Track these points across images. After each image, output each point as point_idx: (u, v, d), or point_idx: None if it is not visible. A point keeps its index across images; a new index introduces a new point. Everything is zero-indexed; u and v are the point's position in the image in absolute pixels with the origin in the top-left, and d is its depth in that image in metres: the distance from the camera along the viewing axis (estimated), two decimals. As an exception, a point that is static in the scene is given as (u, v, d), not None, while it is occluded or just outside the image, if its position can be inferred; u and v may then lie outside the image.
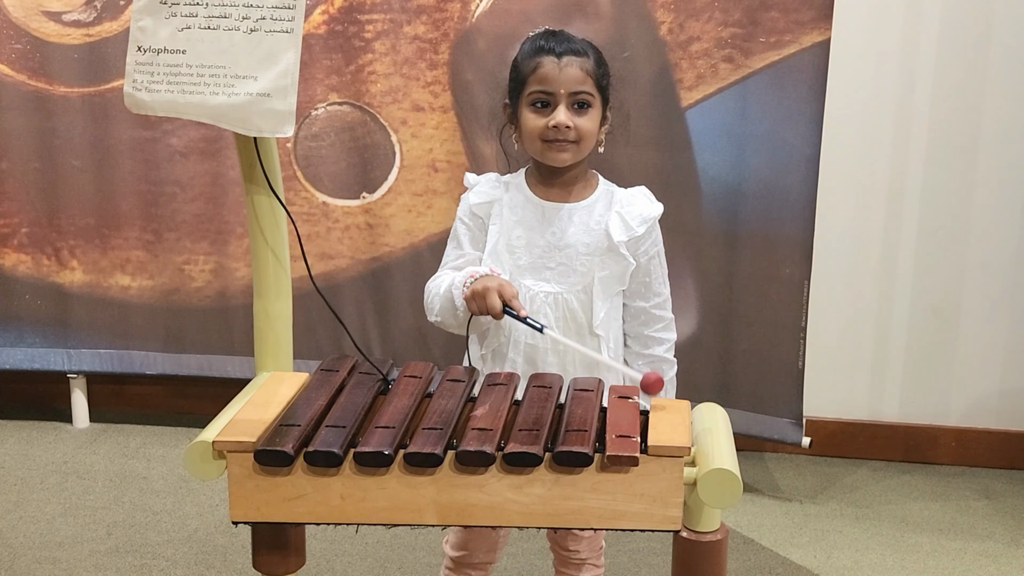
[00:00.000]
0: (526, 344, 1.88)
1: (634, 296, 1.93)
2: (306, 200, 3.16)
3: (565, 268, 1.88)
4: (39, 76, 3.19)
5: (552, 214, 1.89)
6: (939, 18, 3.04)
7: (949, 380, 3.24)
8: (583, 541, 2.02)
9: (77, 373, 3.43)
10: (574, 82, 1.82)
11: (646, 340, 1.95)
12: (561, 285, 1.88)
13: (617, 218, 1.88)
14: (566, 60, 1.82)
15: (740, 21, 2.82)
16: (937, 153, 3.12)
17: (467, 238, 1.93)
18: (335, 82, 3.07)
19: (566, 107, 1.82)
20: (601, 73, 1.86)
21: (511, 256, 1.89)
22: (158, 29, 1.51)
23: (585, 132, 1.84)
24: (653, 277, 1.93)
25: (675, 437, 1.40)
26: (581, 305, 1.87)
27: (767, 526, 2.88)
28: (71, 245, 3.30)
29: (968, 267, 3.17)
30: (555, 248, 1.88)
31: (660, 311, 1.95)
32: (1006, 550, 2.77)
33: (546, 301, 1.87)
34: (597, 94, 1.85)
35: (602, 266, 1.87)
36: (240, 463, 1.40)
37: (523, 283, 1.88)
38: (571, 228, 1.88)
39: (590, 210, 1.89)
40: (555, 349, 1.88)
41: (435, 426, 1.43)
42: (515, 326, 1.86)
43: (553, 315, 1.87)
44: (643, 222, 1.89)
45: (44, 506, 2.91)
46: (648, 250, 1.91)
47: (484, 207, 1.92)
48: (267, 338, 1.71)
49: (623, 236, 1.87)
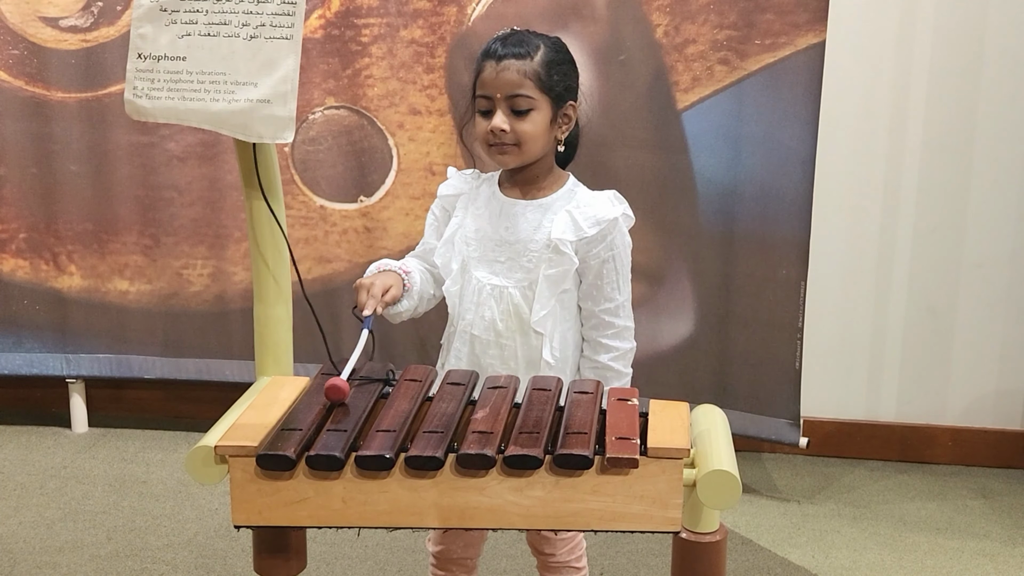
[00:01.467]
0: (471, 335, 1.92)
1: (585, 298, 1.93)
2: (304, 204, 3.17)
3: (512, 263, 1.90)
4: (36, 81, 3.19)
5: (508, 209, 1.92)
6: (933, 19, 3.06)
7: (945, 380, 3.25)
8: (557, 544, 2.03)
9: (76, 378, 3.43)
10: (510, 86, 1.83)
11: (596, 345, 1.94)
12: (508, 279, 1.90)
13: (567, 217, 1.88)
14: (504, 64, 1.83)
15: (735, 23, 2.83)
16: (932, 154, 3.13)
17: (432, 227, 2.01)
18: (332, 86, 3.08)
19: (504, 111, 1.84)
20: (549, 73, 1.84)
21: (464, 246, 1.93)
22: (158, 36, 1.52)
23: (524, 135, 1.84)
24: (605, 281, 1.90)
25: (674, 439, 1.41)
26: (525, 300, 1.89)
27: (765, 526, 2.89)
28: (69, 250, 3.31)
29: (964, 267, 3.18)
30: (505, 242, 1.90)
31: (610, 317, 1.92)
32: (1003, 549, 2.78)
33: (492, 294, 1.90)
34: (541, 95, 1.84)
35: (548, 264, 1.88)
36: (242, 467, 1.40)
37: (474, 274, 1.91)
38: (523, 224, 1.90)
39: (545, 208, 1.91)
40: (497, 342, 1.90)
41: (436, 429, 1.44)
42: (462, 315, 1.92)
43: (498, 308, 1.90)
44: (595, 224, 1.88)
45: (44, 511, 2.91)
46: (600, 253, 1.89)
47: (451, 199, 1.98)
48: (267, 342, 1.72)
49: (570, 236, 1.87)
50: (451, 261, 1.93)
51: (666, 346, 3.07)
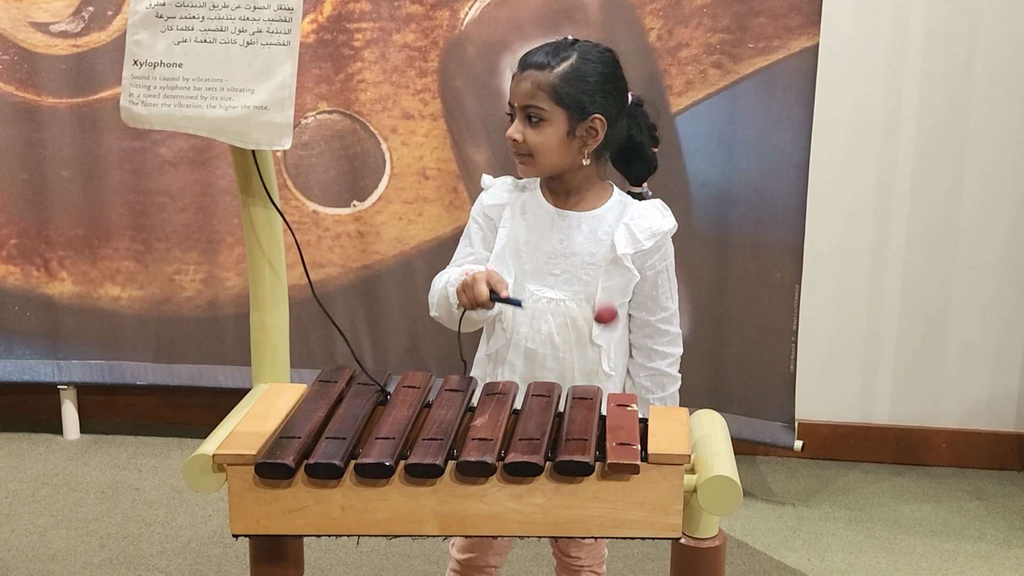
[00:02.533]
0: (526, 348, 1.89)
1: (640, 308, 1.93)
2: (296, 209, 3.16)
3: (569, 276, 1.88)
4: (27, 87, 3.18)
5: (561, 221, 1.90)
6: (926, 23, 3.06)
7: (940, 382, 3.26)
8: (584, 548, 2.03)
9: (67, 384, 3.41)
10: (524, 96, 1.83)
11: (650, 353, 1.95)
12: (564, 292, 1.88)
13: (624, 230, 1.88)
14: (524, 74, 1.84)
15: (729, 27, 2.83)
16: (925, 157, 3.14)
17: (479, 237, 1.96)
18: (325, 91, 3.07)
19: (520, 120, 1.85)
20: (567, 85, 1.82)
21: (516, 260, 1.90)
22: (154, 43, 1.51)
23: (536, 146, 1.84)
24: (660, 291, 1.92)
25: (675, 445, 1.41)
26: (583, 313, 1.87)
27: (760, 530, 2.89)
28: (60, 256, 3.29)
29: (957, 270, 3.19)
30: (560, 255, 1.89)
31: (666, 325, 1.94)
32: (998, 551, 2.79)
33: (548, 307, 1.88)
34: (556, 108, 1.82)
35: (606, 277, 1.88)
36: (240, 476, 1.40)
37: (527, 287, 1.89)
38: (578, 236, 1.89)
39: (599, 220, 1.90)
40: (554, 355, 1.89)
41: (435, 436, 1.43)
42: (516, 329, 1.89)
43: (555, 322, 1.88)
44: (652, 236, 1.88)
45: (36, 518, 2.90)
46: (655, 264, 1.90)
47: (496, 209, 1.94)
48: (264, 349, 1.71)
49: (629, 249, 1.87)
50: (504, 274, 1.87)
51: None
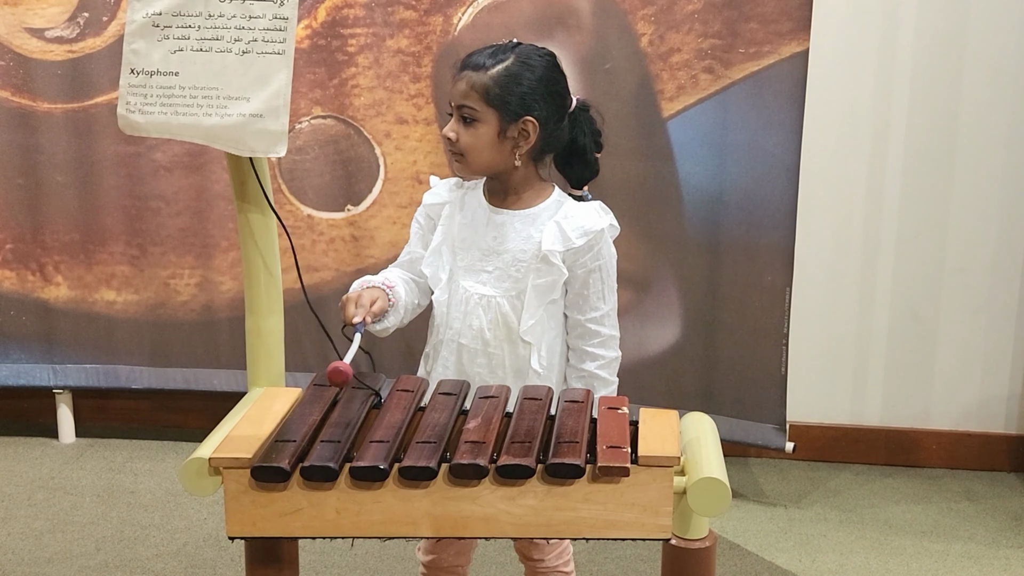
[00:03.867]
0: (458, 343, 1.93)
1: (571, 308, 1.95)
2: (291, 213, 3.17)
3: (501, 273, 1.91)
4: (22, 92, 3.19)
5: (495, 219, 1.93)
6: (915, 28, 3.08)
7: (930, 384, 3.28)
8: (546, 549, 2.04)
9: (63, 388, 3.42)
10: (459, 96, 1.87)
11: (581, 354, 1.96)
12: (496, 289, 1.91)
13: (555, 227, 1.90)
14: (461, 75, 1.88)
15: (720, 32, 2.85)
16: (915, 161, 3.16)
17: (417, 236, 2.02)
18: (319, 96, 3.09)
19: (455, 119, 1.88)
20: (500, 87, 1.83)
21: (452, 255, 1.94)
22: (151, 52, 1.53)
23: (467, 146, 1.87)
24: (591, 291, 1.92)
25: (665, 447, 1.43)
26: (513, 310, 1.90)
27: (752, 531, 2.90)
28: (56, 261, 3.30)
29: (946, 272, 3.21)
30: (493, 252, 1.92)
31: (596, 326, 1.94)
32: (988, 551, 2.81)
33: (480, 303, 1.91)
34: (487, 108, 1.84)
35: (537, 274, 1.90)
36: (236, 479, 1.41)
37: (461, 283, 1.93)
38: (511, 235, 1.91)
39: (533, 219, 1.92)
40: (485, 351, 1.92)
41: (429, 440, 1.45)
42: (449, 324, 1.94)
43: (486, 318, 1.91)
44: (583, 234, 1.89)
45: (32, 522, 2.91)
46: (587, 263, 1.91)
47: (436, 208, 1.99)
48: (259, 354, 1.73)
49: (558, 246, 1.88)
50: (439, 270, 1.94)
51: (652, 352, 3.08)
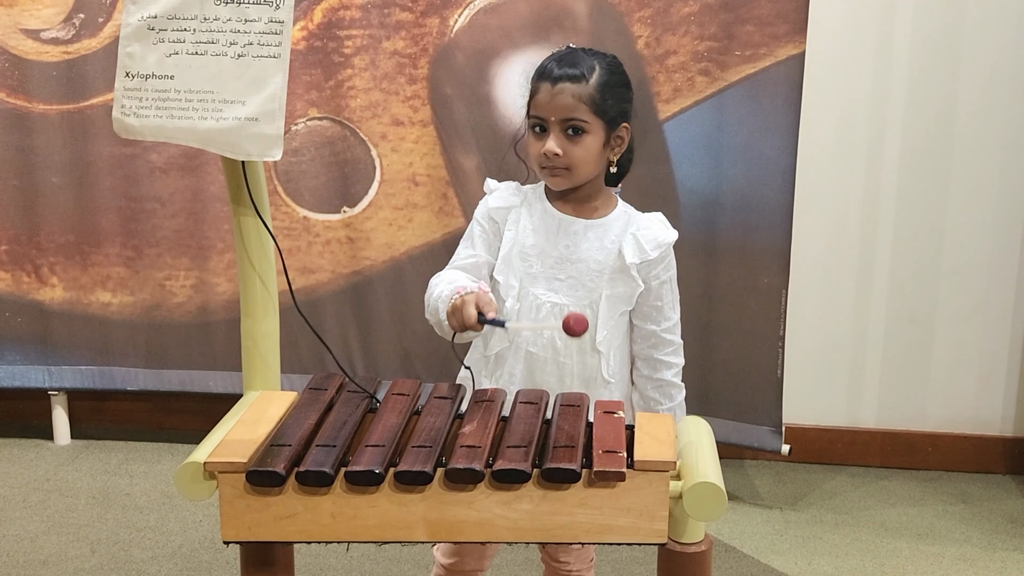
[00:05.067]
0: (527, 351, 1.90)
1: (645, 319, 1.95)
2: (287, 215, 3.17)
3: (575, 282, 1.90)
4: (17, 94, 3.19)
5: (567, 227, 1.91)
6: (911, 30, 3.09)
7: (925, 386, 3.28)
8: (573, 553, 2.05)
9: (58, 390, 3.42)
10: (564, 110, 1.83)
11: (655, 363, 1.97)
12: (569, 298, 1.90)
13: (632, 240, 1.90)
14: (559, 87, 1.83)
15: (716, 35, 2.85)
16: (911, 163, 3.16)
17: (481, 239, 1.95)
18: (315, 97, 3.08)
19: (557, 134, 1.84)
20: (603, 96, 1.84)
21: (523, 263, 1.91)
22: (146, 55, 1.52)
23: (576, 159, 1.85)
24: (664, 302, 1.94)
25: (660, 452, 1.42)
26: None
27: (748, 533, 2.91)
28: (51, 262, 3.30)
29: (943, 274, 3.21)
30: (567, 261, 1.90)
31: (670, 335, 1.97)
32: (983, 554, 2.81)
33: (552, 311, 1.89)
34: (595, 119, 1.84)
35: (611, 285, 1.89)
36: (231, 483, 1.41)
37: (532, 291, 1.90)
38: (585, 244, 1.90)
39: (606, 229, 1.91)
40: (555, 360, 1.90)
41: (424, 444, 1.45)
42: (519, 332, 1.90)
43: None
44: (657, 247, 1.91)
45: (27, 524, 2.91)
46: (660, 275, 1.92)
47: (502, 212, 1.94)
48: (254, 357, 1.72)
49: (635, 258, 1.89)
50: (510, 277, 1.90)
51: (649, 355, 3.08)
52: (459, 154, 3.04)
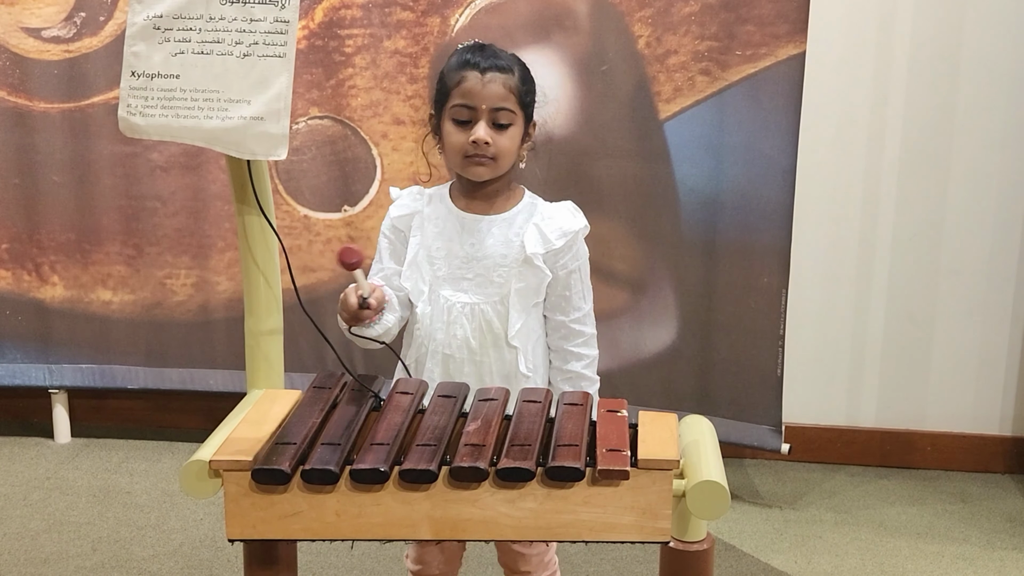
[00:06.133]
0: (443, 354, 1.92)
1: (554, 310, 1.95)
2: (287, 214, 3.17)
3: (482, 279, 1.90)
4: (19, 92, 3.19)
5: (471, 225, 1.91)
6: (911, 30, 3.09)
7: (925, 385, 3.29)
8: (532, 560, 2.04)
9: (58, 388, 3.42)
10: (496, 98, 1.84)
11: (565, 355, 1.97)
12: (478, 296, 1.90)
13: (535, 230, 1.90)
14: (490, 76, 1.84)
15: (716, 34, 2.86)
16: (911, 163, 3.17)
17: (387, 252, 1.96)
18: (316, 96, 3.09)
19: (487, 123, 1.84)
20: (525, 90, 1.88)
21: (431, 266, 1.91)
22: (152, 54, 1.53)
23: (503, 149, 1.85)
24: (573, 291, 1.94)
25: (664, 450, 1.43)
26: (498, 316, 1.90)
27: (748, 532, 2.91)
28: (52, 260, 3.30)
29: (942, 274, 3.22)
30: (473, 259, 1.90)
31: (579, 326, 1.96)
32: (982, 553, 2.82)
33: (463, 312, 1.90)
34: (519, 111, 1.87)
35: (519, 278, 1.89)
36: (236, 482, 1.41)
37: (441, 293, 1.91)
38: (489, 240, 1.90)
39: (510, 222, 1.92)
40: (471, 359, 1.91)
41: (429, 442, 1.45)
42: (432, 336, 1.91)
43: (470, 326, 1.90)
44: (562, 235, 1.90)
45: (28, 522, 2.91)
46: (567, 264, 1.92)
47: (405, 220, 1.95)
48: (258, 356, 1.73)
49: (539, 248, 1.89)
50: (419, 283, 1.91)
51: (649, 354, 3.09)
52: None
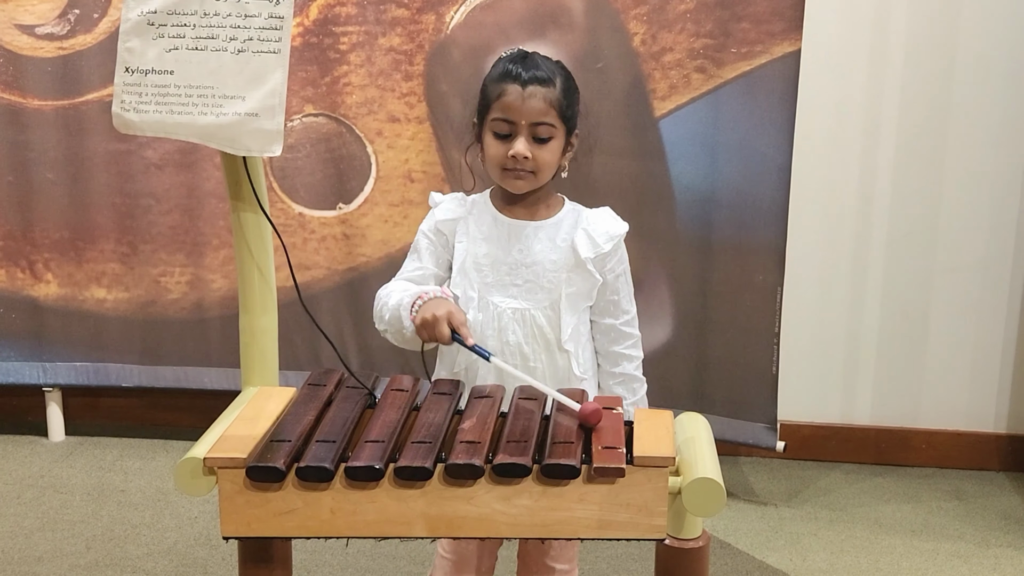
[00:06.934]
0: (498, 369, 1.87)
1: (603, 313, 1.95)
2: (282, 211, 3.17)
3: (532, 285, 1.89)
4: (12, 89, 3.18)
5: (518, 232, 1.91)
6: (906, 29, 3.09)
7: (920, 383, 3.29)
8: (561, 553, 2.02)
9: (52, 386, 3.41)
10: (536, 114, 1.82)
11: (616, 358, 1.98)
12: (528, 302, 1.89)
13: (584, 235, 1.90)
14: (530, 90, 1.82)
15: (712, 32, 2.85)
16: (906, 160, 3.17)
17: (428, 252, 1.94)
18: (311, 94, 3.08)
19: (526, 137, 1.83)
20: (567, 103, 1.86)
21: (478, 274, 1.90)
22: (146, 50, 1.52)
23: (543, 163, 1.85)
24: (621, 295, 1.95)
25: (660, 448, 1.43)
26: (548, 321, 1.89)
27: (743, 530, 2.91)
28: (46, 258, 3.29)
29: (937, 272, 3.22)
30: (522, 265, 1.89)
31: (629, 328, 1.97)
32: (977, 550, 2.82)
33: (513, 318, 1.89)
34: (560, 124, 1.86)
35: (569, 282, 1.89)
36: (231, 479, 1.41)
37: (491, 300, 1.89)
38: (537, 245, 1.90)
39: (556, 227, 1.91)
40: (525, 365, 1.89)
41: (424, 440, 1.45)
42: (483, 341, 1.88)
43: (522, 331, 1.89)
44: (609, 239, 1.91)
45: (22, 520, 2.90)
46: (615, 268, 1.93)
47: (449, 224, 1.94)
48: (253, 353, 1.72)
49: (590, 253, 1.89)
50: (468, 290, 1.89)
51: (644, 351, 3.06)
52: (455, 151, 3.03)
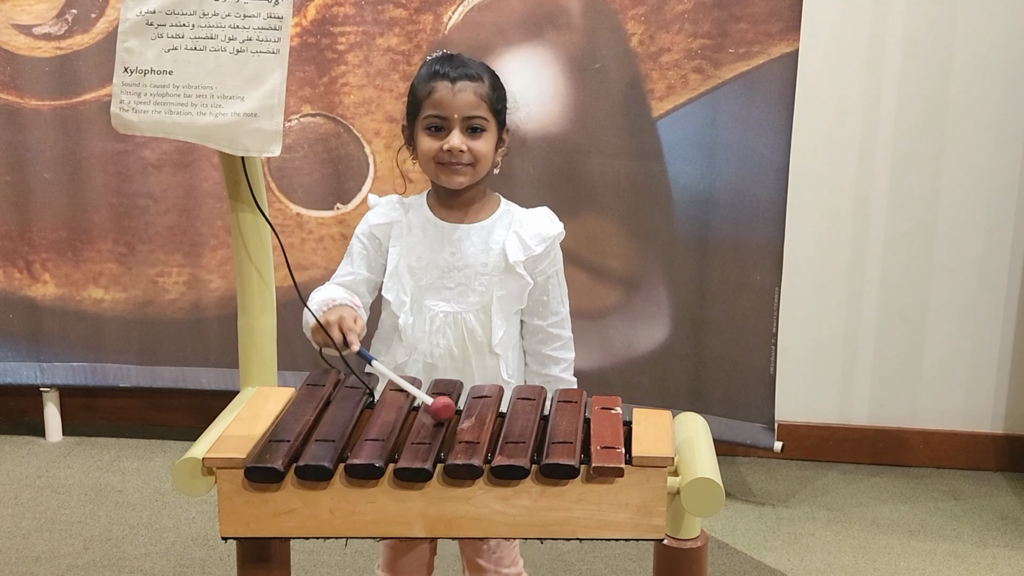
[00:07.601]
0: (425, 363, 1.92)
1: (532, 314, 1.96)
2: (280, 211, 3.17)
3: (464, 288, 1.91)
4: (9, 89, 3.18)
5: (451, 234, 1.92)
6: (904, 29, 3.10)
7: (917, 383, 3.29)
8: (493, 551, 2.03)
9: (50, 386, 3.41)
10: (467, 107, 1.85)
11: (543, 359, 1.99)
12: (460, 305, 1.91)
13: (514, 237, 1.91)
14: (460, 85, 1.85)
15: (710, 32, 2.86)
16: (903, 161, 3.17)
17: (360, 257, 1.96)
18: (308, 94, 3.08)
19: (460, 131, 1.86)
20: (496, 97, 1.89)
21: (412, 277, 1.92)
22: (144, 50, 1.52)
23: (479, 155, 1.87)
24: (551, 296, 1.96)
25: (658, 447, 1.43)
26: (480, 324, 1.90)
27: (741, 530, 2.91)
28: (43, 258, 3.29)
29: (934, 272, 3.23)
30: (454, 268, 1.91)
31: (557, 330, 1.97)
32: (974, 550, 2.82)
33: (445, 321, 1.90)
34: (491, 118, 1.88)
35: (500, 285, 1.90)
36: (230, 479, 1.41)
37: (424, 303, 1.91)
38: (470, 248, 1.91)
39: (489, 230, 1.92)
40: (454, 367, 1.91)
41: (423, 440, 1.45)
42: (415, 345, 1.91)
43: (453, 335, 1.90)
44: (541, 241, 1.92)
45: (19, 521, 2.90)
46: (546, 269, 1.94)
47: (383, 228, 1.95)
48: (251, 353, 1.72)
49: (520, 256, 1.90)
50: (401, 294, 1.92)
51: (642, 352, 3.09)
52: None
